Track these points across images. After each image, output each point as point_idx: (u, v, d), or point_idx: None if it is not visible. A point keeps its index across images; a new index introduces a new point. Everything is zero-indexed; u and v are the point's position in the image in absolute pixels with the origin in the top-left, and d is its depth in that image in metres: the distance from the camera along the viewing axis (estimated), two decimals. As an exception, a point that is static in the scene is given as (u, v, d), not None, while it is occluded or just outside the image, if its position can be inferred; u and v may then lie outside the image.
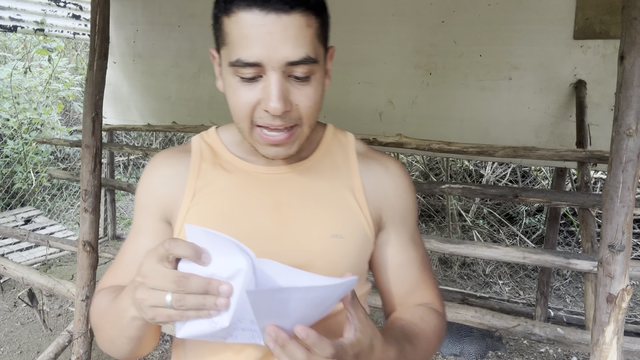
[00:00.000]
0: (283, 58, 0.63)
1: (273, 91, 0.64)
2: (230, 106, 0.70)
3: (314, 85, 0.68)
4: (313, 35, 0.65)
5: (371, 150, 0.84)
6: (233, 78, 0.67)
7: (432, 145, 2.55)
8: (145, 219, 0.79)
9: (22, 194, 4.98)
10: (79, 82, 6.00)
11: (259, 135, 0.69)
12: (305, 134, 0.71)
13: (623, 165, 1.32)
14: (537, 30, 2.71)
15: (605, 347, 1.37)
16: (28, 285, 2.36)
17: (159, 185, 0.79)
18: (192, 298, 0.55)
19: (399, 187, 0.81)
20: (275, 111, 0.64)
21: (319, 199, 0.76)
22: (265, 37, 0.62)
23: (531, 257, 2.00)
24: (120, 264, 0.80)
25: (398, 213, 0.81)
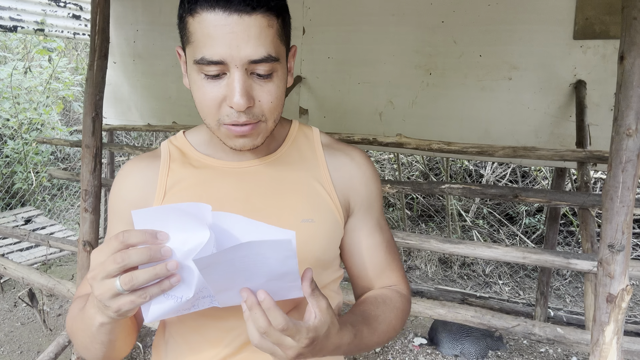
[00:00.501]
0: (245, 56, 0.66)
1: (236, 88, 0.67)
2: (197, 102, 0.72)
3: (275, 82, 0.71)
4: (274, 34, 0.68)
5: (336, 142, 0.88)
6: (198, 75, 0.69)
7: (432, 145, 2.55)
8: (117, 225, 0.81)
9: (22, 194, 4.98)
10: (79, 82, 6.01)
11: (226, 129, 0.71)
12: (269, 128, 0.74)
13: (623, 165, 1.32)
14: (537, 30, 2.71)
15: (605, 347, 1.37)
16: (28, 285, 2.36)
17: (128, 190, 0.81)
18: (140, 274, 0.56)
19: (364, 174, 0.84)
20: (238, 107, 0.67)
21: (289, 188, 0.79)
22: (228, 37, 0.65)
23: (531, 257, 2.00)
24: None
25: (365, 199, 0.84)
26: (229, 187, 0.79)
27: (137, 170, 0.82)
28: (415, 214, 4.96)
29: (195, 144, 0.85)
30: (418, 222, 4.89)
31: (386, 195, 5.06)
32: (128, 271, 0.57)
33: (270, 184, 0.79)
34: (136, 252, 0.56)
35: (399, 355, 2.80)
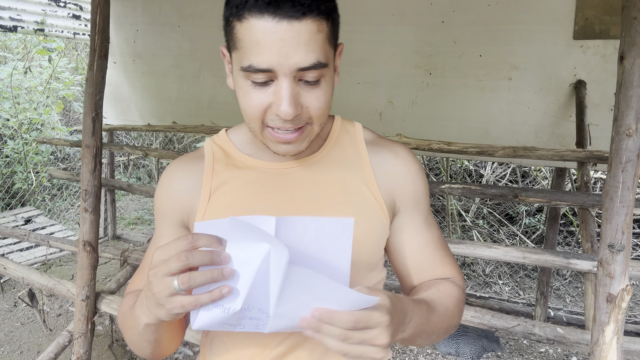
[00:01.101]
0: (294, 64, 0.64)
1: (284, 96, 0.65)
2: (242, 107, 0.71)
3: (323, 87, 0.69)
4: (324, 39, 0.66)
5: (379, 138, 0.86)
6: (244, 82, 0.68)
7: (432, 145, 2.55)
8: (163, 226, 0.82)
9: (22, 194, 4.98)
10: (79, 82, 6.01)
11: (270, 134, 0.70)
12: (315, 132, 0.73)
13: (623, 165, 1.32)
14: (537, 30, 2.71)
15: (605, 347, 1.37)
16: (28, 285, 2.36)
17: (174, 191, 0.81)
18: (198, 275, 0.56)
19: (410, 171, 0.82)
20: (286, 115, 0.65)
21: (332, 189, 0.78)
22: (278, 44, 0.63)
23: (531, 257, 2.00)
24: (142, 269, 0.83)
25: (411, 197, 0.82)
26: (273, 189, 0.78)
27: (182, 172, 0.82)
28: (415, 214, 4.96)
29: (238, 143, 0.84)
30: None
31: (386, 195, 5.06)
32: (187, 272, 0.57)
33: (313, 186, 0.78)
34: (199, 253, 0.56)
35: (398, 356, 2.80)
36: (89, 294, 2.07)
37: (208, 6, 3.66)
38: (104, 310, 2.12)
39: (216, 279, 0.57)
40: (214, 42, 3.70)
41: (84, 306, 2.06)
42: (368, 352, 0.57)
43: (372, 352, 0.57)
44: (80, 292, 2.06)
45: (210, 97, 3.87)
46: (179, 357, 2.71)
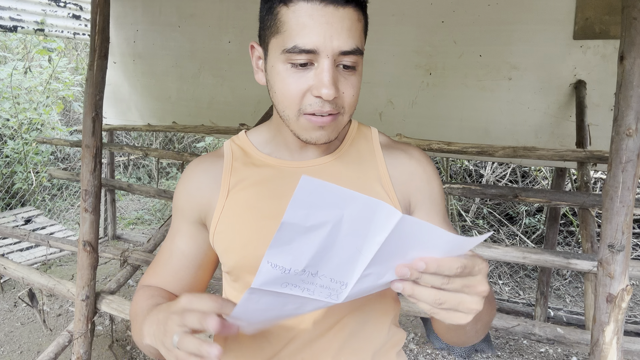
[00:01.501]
0: (337, 47, 0.67)
1: (326, 77, 0.67)
2: (278, 94, 0.72)
3: (358, 75, 0.73)
4: (362, 29, 0.71)
5: (393, 141, 0.89)
6: (284, 66, 0.70)
7: (432, 145, 2.55)
8: (180, 222, 0.85)
9: (22, 194, 4.98)
10: (79, 82, 6.01)
11: (306, 120, 0.71)
12: (344, 122, 0.75)
13: (623, 165, 1.32)
14: (537, 30, 2.71)
15: (605, 347, 1.37)
16: (28, 285, 2.36)
17: (194, 188, 0.83)
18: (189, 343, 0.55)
19: (425, 171, 0.84)
20: (327, 96, 0.67)
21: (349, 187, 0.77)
22: (324, 27, 0.66)
23: (531, 257, 2.00)
24: (158, 263, 0.86)
25: (427, 196, 0.83)
26: (290, 187, 0.79)
27: (202, 169, 0.84)
28: (415, 214, 4.96)
29: (257, 143, 0.86)
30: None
31: (386, 195, 5.06)
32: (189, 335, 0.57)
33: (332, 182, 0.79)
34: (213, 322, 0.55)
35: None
36: (89, 294, 2.07)
37: (208, 6, 3.66)
38: (104, 310, 2.12)
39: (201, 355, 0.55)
40: (214, 42, 3.70)
41: (84, 306, 2.06)
42: (469, 302, 0.54)
43: (473, 301, 0.54)
44: (80, 292, 2.06)
45: (210, 97, 3.87)
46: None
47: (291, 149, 0.82)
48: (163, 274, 0.85)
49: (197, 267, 0.85)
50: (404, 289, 0.54)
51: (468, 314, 0.54)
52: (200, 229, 0.84)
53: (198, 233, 0.84)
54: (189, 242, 0.84)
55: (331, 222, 0.52)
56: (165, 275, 0.85)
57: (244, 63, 3.63)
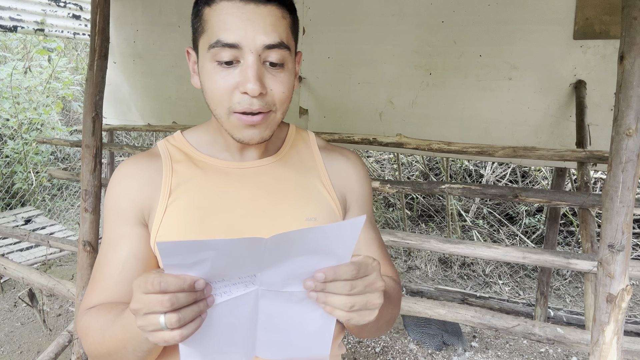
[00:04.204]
0: (260, 42, 0.69)
1: (250, 73, 0.69)
2: (207, 93, 0.73)
3: (286, 73, 0.73)
4: (287, 26, 0.73)
5: (330, 145, 0.93)
6: (211, 64, 0.71)
7: (432, 145, 2.55)
8: (122, 227, 0.79)
9: (22, 194, 4.98)
10: (78, 81, 6.01)
11: (236, 119, 0.72)
12: (277, 120, 0.76)
13: (623, 165, 1.32)
14: (537, 30, 2.71)
15: (605, 347, 1.37)
16: (28, 285, 2.36)
17: (132, 190, 0.79)
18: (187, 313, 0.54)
19: (359, 174, 0.89)
20: (252, 92, 0.68)
21: (292, 187, 0.82)
22: (245, 22, 0.68)
23: (531, 257, 2.00)
24: (104, 278, 0.77)
25: (359, 197, 0.88)
26: (234, 188, 0.79)
27: (139, 169, 0.81)
28: (415, 214, 4.96)
29: (196, 144, 0.85)
30: (418, 222, 4.89)
31: (386, 195, 5.06)
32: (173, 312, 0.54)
33: (274, 184, 0.81)
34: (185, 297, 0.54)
35: (399, 355, 2.80)
36: (89, 294, 2.06)
37: (208, 6, 3.66)
38: (104, 310, 2.12)
39: (202, 312, 0.56)
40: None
41: (84, 306, 2.06)
42: (373, 299, 0.59)
43: (375, 297, 0.60)
44: (80, 292, 2.06)
45: (210, 97, 3.86)
46: (179, 357, 2.70)
47: (232, 150, 0.82)
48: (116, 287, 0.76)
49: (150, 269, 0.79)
50: (317, 298, 0.59)
51: (374, 310, 0.60)
52: (145, 230, 0.79)
53: (144, 234, 0.79)
54: (139, 246, 0.78)
55: (209, 259, 0.53)
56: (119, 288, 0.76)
57: (244, 63, 3.63)
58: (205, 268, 0.54)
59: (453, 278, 3.99)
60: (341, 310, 0.58)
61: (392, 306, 0.79)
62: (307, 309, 0.62)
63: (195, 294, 0.55)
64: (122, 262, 0.77)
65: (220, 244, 0.52)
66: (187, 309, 0.54)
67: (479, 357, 2.79)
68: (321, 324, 0.63)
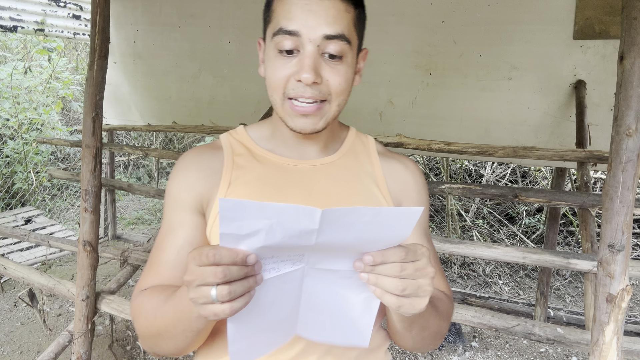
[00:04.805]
0: (320, 32, 0.70)
1: (306, 62, 0.70)
2: (267, 80, 0.76)
3: (344, 66, 0.74)
4: (350, 20, 0.73)
5: (389, 151, 0.92)
6: (273, 52, 0.74)
7: (432, 145, 2.55)
8: (181, 214, 0.81)
9: (22, 194, 4.98)
10: (78, 81, 6.01)
11: (290, 106, 0.74)
12: (332, 113, 0.76)
13: (623, 165, 1.32)
14: (537, 30, 2.71)
15: (605, 347, 1.37)
16: (28, 285, 2.36)
17: (194, 179, 0.82)
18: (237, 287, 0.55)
19: (417, 182, 0.88)
20: (306, 80, 0.70)
21: (348, 189, 0.82)
22: (307, 13, 0.70)
23: (531, 257, 2.00)
24: (160, 263, 0.80)
25: (416, 205, 0.86)
26: (291, 185, 0.81)
27: (202, 160, 0.83)
28: (415, 214, 4.95)
29: (257, 139, 0.87)
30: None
31: (386, 195, 5.06)
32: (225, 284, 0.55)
33: (330, 184, 0.82)
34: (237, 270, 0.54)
35: (399, 355, 2.80)
36: (89, 294, 2.07)
37: (208, 6, 3.66)
38: (104, 310, 2.12)
39: (252, 288, 0.56)
40: (214, 42, 3.70)
41: (84, 306, 2.06)
42: (423, 285, 0.58)
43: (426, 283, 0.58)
44: (80, 292, 2.06)
45: (210, 97, 3.87)
46: (179, 357, 2.71)
47: (290, 146, 0.83)
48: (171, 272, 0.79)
49: None
50: (368, 279, 0.58)
51: (424, 297, 0.58)
52: (202, 219, 0.82)
53: (201, 223, 0.81)
54: (195, 233, 0.80)
55: (264, 229, 0.54)
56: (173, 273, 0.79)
57: (244, 63, 3.63)
58: (257, 242, 0.55)
59: (453, 278, 3.99)
60: (392, 293, 0.57)
61: (440, 317, 0.75)
62: (351, 291, 0.62)
63: (247, 269, 0.55)
64: (179, 248, 0.80)
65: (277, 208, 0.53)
66: (237, 283, 0.55)
67: (479, 356, 2.79)
68: (363, 310, 0.63)
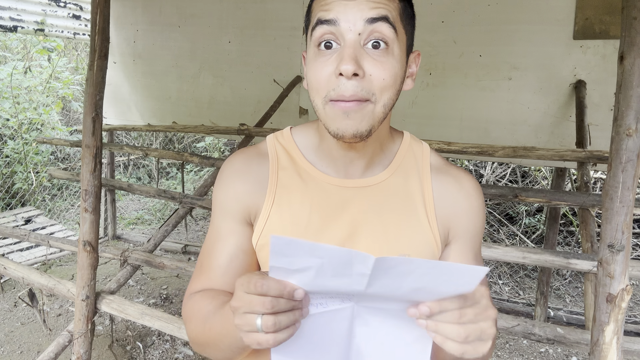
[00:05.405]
0: (360, 15, 0.65)
1: (346, 51, 0.64)
2: (308, 83, 0.71)
3: (390, 58, 0.67)
4: (395, 8, 0.68)
5: (446, 164, 0.83)
6: (313, 50, 0.68)
7: (432, 145, 2.55)
8: (229, 222, 0.80)
9: (22, 194, 4.98)
10: (78, 81, 6.01)
11: (331, 107, 0.67)
12: (377, 114, 0.68)
13: (623, 165, 1.32)
14: (537, 30, 2.71)
15: (605, 347, 1.37)
16: (28, 285, 2.36)
17: (240, 191, 0.79)
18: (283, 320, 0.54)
19: (471, 206, 0.80)
20: (346, 71, 0.63)
21: (392, 217, 0.77)
22: (345, 2, 0.65)
23: (531, 257, 1.99)
24: (211, 267, 0.80)
25: (465, 232, 0.80)
26: (333, 208, 0.77)
27: (248, 169, 0.80)
28: (415, 214, 4.96)
29: (303, 147, 0.82)
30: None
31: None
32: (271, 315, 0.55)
33: (374, 210, 0.77)
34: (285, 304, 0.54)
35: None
36: (89, 294, 2.07)
37: (208, 6, 3.66)
38: (104, 310, 2.12)
39: (297, 320, 0.56)
40: (214, 42, 3.70)
41: (84, 306, 2.06)
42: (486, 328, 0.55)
43: (488, 326, 0.55)
44: (80, 292, 2.06)
45: (210, 97, 3.87)
46: (179, 357, 2.71)
47: (336, 159, 0.77)
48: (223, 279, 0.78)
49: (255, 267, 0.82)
50: (427, 326, 0.55)
51: (487, 341, 0.55)
52: (250, 229, 0.81)
53: (249, 232, 0.81)
54: (245, 241, 0.80)
55: (314, 267, 0.53)
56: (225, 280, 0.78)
57: (244, 63, 3.63)
58: (307, 278, 0.54)
59: (453, 278, 3.99)
60: (454, 341, 0.54)
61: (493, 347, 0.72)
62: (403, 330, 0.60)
63: (294, 302, 0.55)
64: (231, 254, 0.79)
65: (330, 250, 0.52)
66: (283, 315, 0.54)
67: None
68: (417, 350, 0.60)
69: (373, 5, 0.65)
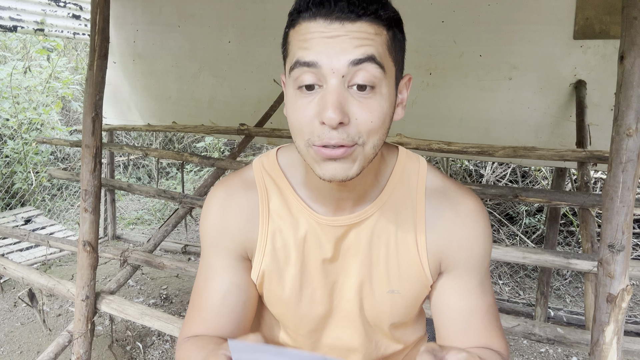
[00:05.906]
0: (344, 58, 0.58)
1: (329, 98, 0.58)
2: (289, 122, 0.64)
3: (378, 99, 0.61)
4: (382, 43, 0.61)
5: (444, 185, 0.77)
6: (292, 89, 0.63)
7: (432, 145, 2.55)
8: (223, 259, 0.78)
9: (22, 194, 4.98)
10: (78, 81, 6.01)
11: (315, 151, 0.62)
12: (367, 155, 0.63)
13: (623, 165, 1.32)
14: (537, 30, 2.71)
15: (605, 347, 1.37)
16: (28, 285, 2.36)
17: (233, 228, 0.77)
18: None
19: (468, 235, 0.74)
20: (330, 121, 0.58)
21: (382, 255, 0.75)
22: (326, 40, 0.59)
23: (531, 257, 1.99)
24: (205, 307, 0.77)
25: (462, 261, 0.75)
26: (323, 248, 0.75)
27: (238, 204, 0.77)
28: (415, 214, 4.96)
29: (291, 176, 0.77)
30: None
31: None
32: None
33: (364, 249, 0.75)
34: None
35: (399, 355, 2.80)
36: (89, 294, 2.06)
37: (208, 6, 3.66)
38: (104, 310, 2.12)
39: None
40: (214, 42, 3.69)
41: (84, 306, 2.06)
42: None
43: None
44: (80, 292, 2.06)
45: (210, 97, 3.87)
46: (179, 357, 2.70)
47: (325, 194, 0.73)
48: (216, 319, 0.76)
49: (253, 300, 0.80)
50: None
51: None
52: (245, 262, 0.78)
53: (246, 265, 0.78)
54: (240, 275, 0.77)
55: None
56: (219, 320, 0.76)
57: (244, 63, 3.63)
58: None
59: (453, 278, 3.99)
60: None
61: None
62: None
63: None
64: (224, 292, 0.76)
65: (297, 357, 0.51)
66: None
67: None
68: None
69: (358, 43, 0.59)
